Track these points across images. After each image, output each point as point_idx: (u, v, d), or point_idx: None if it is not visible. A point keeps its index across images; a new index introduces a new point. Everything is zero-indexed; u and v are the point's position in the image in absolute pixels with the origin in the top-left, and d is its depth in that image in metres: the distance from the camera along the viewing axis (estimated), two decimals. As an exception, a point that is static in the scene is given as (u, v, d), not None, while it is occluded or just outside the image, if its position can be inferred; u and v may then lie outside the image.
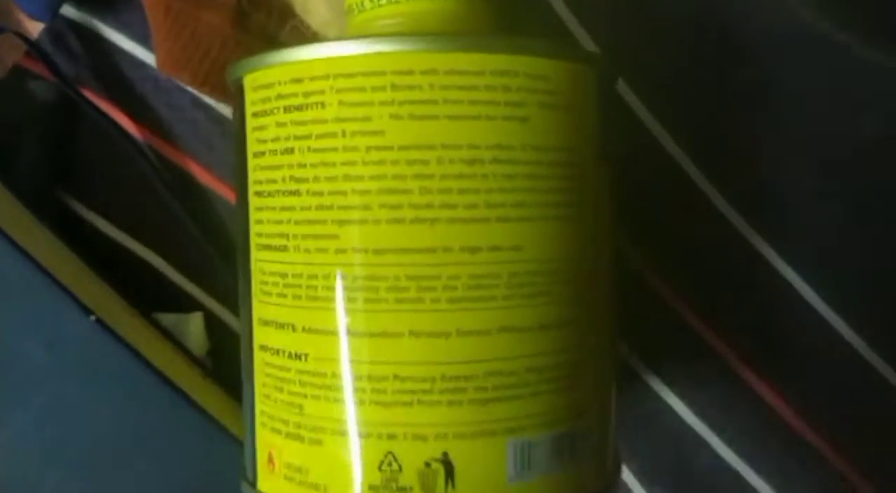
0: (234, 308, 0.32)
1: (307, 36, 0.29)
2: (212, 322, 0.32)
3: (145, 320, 0.30)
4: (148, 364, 0.28)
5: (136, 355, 0.28)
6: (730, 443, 0.32)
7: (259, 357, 0.23)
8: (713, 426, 0.32)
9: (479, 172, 0.20)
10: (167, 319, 0.31)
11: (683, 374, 0.32)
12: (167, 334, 0.31)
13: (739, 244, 0.31)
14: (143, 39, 0.31)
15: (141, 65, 0.31)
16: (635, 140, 0.31)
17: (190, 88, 0.31)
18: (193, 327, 0.32)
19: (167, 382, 0.28)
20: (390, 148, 0.20)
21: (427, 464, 0.20)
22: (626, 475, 0.32)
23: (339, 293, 0.20)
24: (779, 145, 0.31)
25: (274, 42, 0.29)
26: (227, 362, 0.31)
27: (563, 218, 0.21)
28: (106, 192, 0.32)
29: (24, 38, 0.31)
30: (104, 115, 0.31)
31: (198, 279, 0.32)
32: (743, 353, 0.31)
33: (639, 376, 0.32)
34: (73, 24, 0.32)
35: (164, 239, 0.32)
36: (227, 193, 0.32)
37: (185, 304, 0.32)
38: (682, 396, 0.32)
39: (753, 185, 0.31)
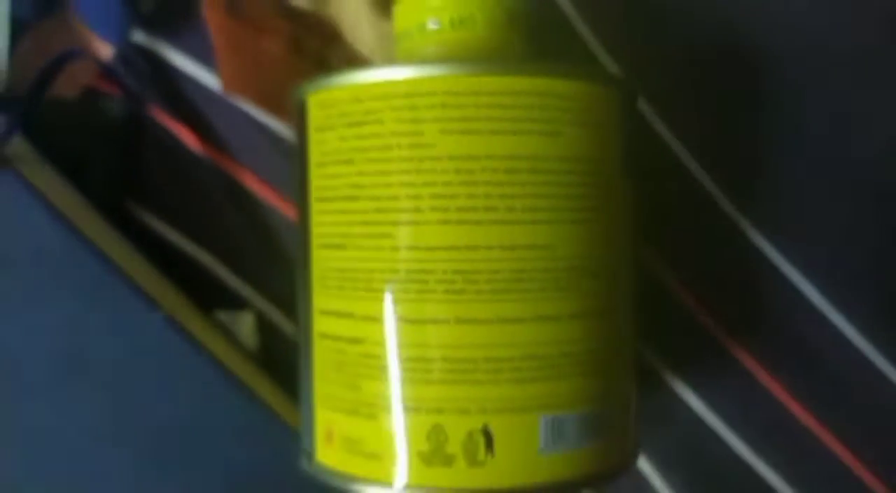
0: (281, 308, 0.34)
1: (356, 61, 0.32)
2: (261, 321, 0.34)
3: (205, 317, 0.32)
4: (210, 356, 0.30)
5: (200, 347, 0.30)
6: (742, 436, 0.34)
7: (318, 343, 0.25)
8: (726, 419, 0.33)
9: (517, 180, 0.23)
10: (223, 316, 0.33)
11: (698, 370, 0.34)
12: (224, 330, 0.33)
13: (756, 258, 0.33)
14: (205, 63, 0.33)
15: (203, 87, 0.33)
16: (658, 159, 0.33)
17: (246, 108, 0.33)
18: (246, 325, 0.33)
19: (228, 372, 0.30)
20: (440, 158, 0.23)
21: (470, 434, 0.23)
22: (643, 464, 0.34)
23: (394, 285, 0.23)
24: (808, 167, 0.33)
25: (324, 65, 0.31)
26: (274, 358, 0.33)
27: (589, 221, 0.24)
28: (170, 201, 0.33)
29: (98, 60, 0.32)
30: (169, 131, 0.33)
31: (250, 281, 0.34)
32: (756, 352, 0.34)
33: (656, 373, 0.34)
34: (141, 49, 0.33)
35: (221, 244, 0.34)
36: (279, 204, 0.33)
37: (239, 303, 0.34)
38: (696, 390, 0.34)
39: (769, 199, 0.33)
